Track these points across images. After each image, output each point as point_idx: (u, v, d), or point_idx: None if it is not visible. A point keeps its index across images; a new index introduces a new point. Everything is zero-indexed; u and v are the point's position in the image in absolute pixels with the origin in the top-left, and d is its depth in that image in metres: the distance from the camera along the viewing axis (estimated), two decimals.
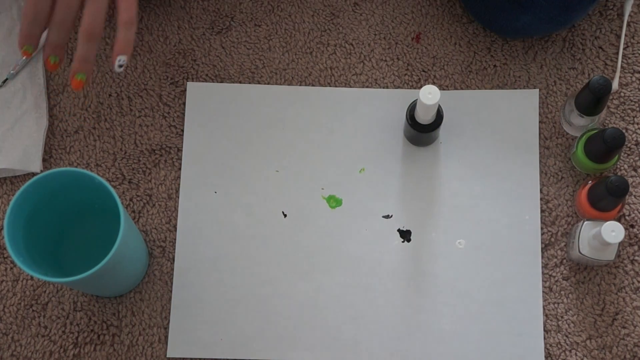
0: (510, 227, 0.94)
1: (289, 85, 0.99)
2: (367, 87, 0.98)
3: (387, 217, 0.95)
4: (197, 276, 0.93)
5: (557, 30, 0.96)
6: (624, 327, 0.91)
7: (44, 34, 0.84)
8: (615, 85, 0.97)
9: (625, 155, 0.95)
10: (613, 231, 0.83)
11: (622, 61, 0.98)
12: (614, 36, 0.99)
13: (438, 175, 0.95)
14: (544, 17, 0.91)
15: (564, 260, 0.93)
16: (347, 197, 0.95)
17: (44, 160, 0.96)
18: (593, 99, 0.87)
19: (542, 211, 0.94)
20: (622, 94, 0.97)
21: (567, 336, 0.91)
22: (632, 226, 0.94)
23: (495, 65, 0.99)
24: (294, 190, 0.95)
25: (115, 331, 0.92)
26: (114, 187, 0.96)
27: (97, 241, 0.92)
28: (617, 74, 0.97)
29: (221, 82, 0.99)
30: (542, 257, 0.93)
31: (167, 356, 0.91)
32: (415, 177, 0.95)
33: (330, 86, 0.99)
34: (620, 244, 0.92)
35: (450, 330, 0.91)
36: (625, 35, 0.99)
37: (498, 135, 0.96)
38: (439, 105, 0.91)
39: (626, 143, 0.96)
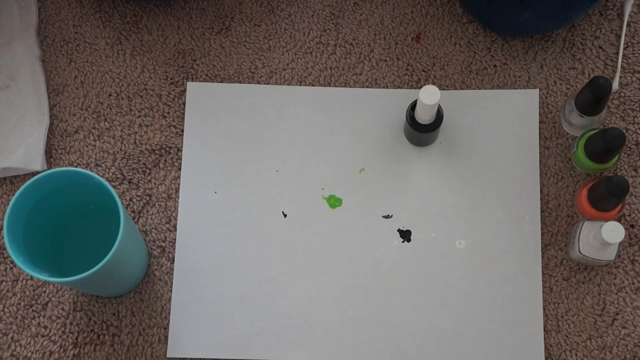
0: (510, 227, 0.94)
1: (288, 85, 0.99)
2: (367, 87, 0.98)
3: (387, 217, 0.95)
4: (197, 276, 0.93)
5: (557, 28, 0.96)
6: (624, 327, 0.91)
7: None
8: (615, 85, 0.97)
9: (625, 155, 0.95)
10: (613, 231, 0.83)
11: (622, 61, 0.98)
12: (614, 36, 0.99)
13: (438, 175, 0.95)
14: (544, 14, 0.91)
15: (564, 260, 0.93)
16: (347, 197, 0.95)
17: None
18: (593, 99, 0.87)
19: (542, 211, 0.94)
20: (622, 94, 0.97)
21: (567, 336, 0.91)
22: (632, 226, 0.94)
23: (495, 65, 0.99)
24: (294, 190, 0.95)
25: (115, 331, 0.92)
26: (114, 187, 0.96)
27: (97, 241, 0.92)
28: (617, 74, 0.97)
29: (221, 82, 0.99)
30: (542, 257, 0.93)
31: (167, 356, 0.91)
32: (415, 177, 0.95)
33: (330, 86, 0.99)
34: (620, 244, 0.92)
35: (450, 330, 0.91)
36: (625, 35, 0.99)
37: (498, 135, 0.96)
38: (439, 105, 0.91)
39: (626, 143, 0.96)
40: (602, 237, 0.83)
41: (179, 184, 0.96)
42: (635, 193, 0.94)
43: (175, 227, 0.95)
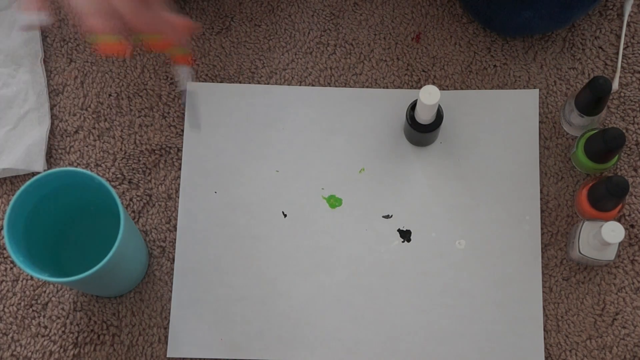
0: (510, 227, 0.94)
1: (289, 85, 0.99)
2: (367, 87, 0.98)
3: (387, 217, 0.95)
4: (197, 276, 0.93)
5: (557, 28, 0.96)
6: (624, 327, 0.91)
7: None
8: (615, 85, 0.97)
9: (625, 155, 0.95)
10: (613, 231, 0.83)
11: (622, 61, 0.98)
12: (614, 36, 0.99)
13: (438, 175, 0.95)
14: (544, 14, 0.91)
15: (564, 260, 0.93)
16: (347, 197, 0.95)
17: None
18: (593, 99, 0.87)
19: (542, 211, 0.94)
20: (622, 94, 0.97)
21: (567, 336, 0.91)
22: (632, 226, 0.94)
23: (495, 65, 0.99)
24: (294, 190, 0.95)
25: (115, 331, 0.92)
26: (114, 187, 0.96)
27: (97, 241, 0.92)
28: (617, 74, 0.97)
29: (221, 82, 0.99)
30: (542, 257, 0.93)
31: (167, 356, 0.91)
32: (415, 177, 0.95)
33: (330, 86, 0.99)
34: (620, 244, 0.92)
35: (450, 330, 0.91)
36: (625, 35, 0.99)
37: (498, 135, 0.96)
38: (439, 105, 0.91)
39: (626, 143, 0.96)
40: (602, 237, 0.83)
41: (179, 184, 0.96)
42: (635, 193, 0.94)
43: (175, 227, 0.95)
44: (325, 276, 0.93)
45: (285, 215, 0.95)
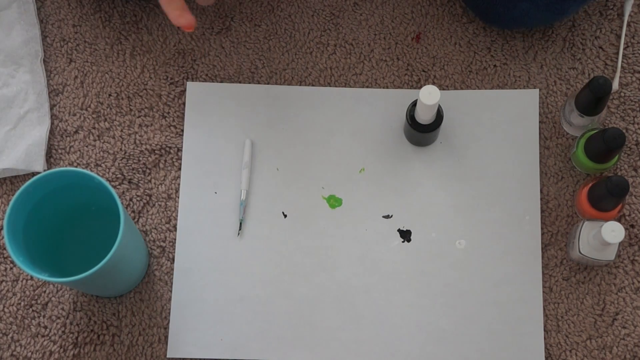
0: (510, 227, 0.94)
1: (289, 85, 0.99)
2: (367, 87, 0.98)
3: (387, 217, 0.95)
4: (197, 276, 0.93)
5: (554, 20, 0.95)
6: (624, 327, 0.91)
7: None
8: (615, 85, 0.97)
9: (626, 155, 0.95)
10: (613, 231, 0.83)
11: (622, 61, 0.98)
12: (614, 36, 0.99)
13: (438, 175, 0.95)
14: (541, 5, 0.91)
15: (564, 260, 0.93)
16: (347, 197, 0.95)
17: None
18: (593, 99, 0.87)
19: (542, 211, 0.94)
20: (622, 94, 0.97)
21: (567, 336, 0.91)
22: (632, 226, 0.94)
23: (495, 65, 0.99)
24: (294, 190, 0.95)
25: (115, 331, 0.92)
26: (114, 187, 0.96)
27: (97, 241, 0.92)
28: (617, 74, 0.97)
29: (221, 82, 0.99)
30: (542, 257, 0.93)
31: (167, 356, 0.91)
32: (415, 177, 0.95)
33: (330, 86, 0.99)
34: (620, 244, 0.92)
35: (450, 330, 0.91)
36: (625, 35, 0.99)
37: (498, 135, 0.96)
38: (439, 105, 0.91)
39: (626, 143, 0.96)
40: (602, 237, 0.83)
41: (179, 184, 0.96)
42: (635, 193, 0.94)
43: (175, 227, 0.95)
44: (325, 276, 0.93)
45: (285, 216, 0.95)
